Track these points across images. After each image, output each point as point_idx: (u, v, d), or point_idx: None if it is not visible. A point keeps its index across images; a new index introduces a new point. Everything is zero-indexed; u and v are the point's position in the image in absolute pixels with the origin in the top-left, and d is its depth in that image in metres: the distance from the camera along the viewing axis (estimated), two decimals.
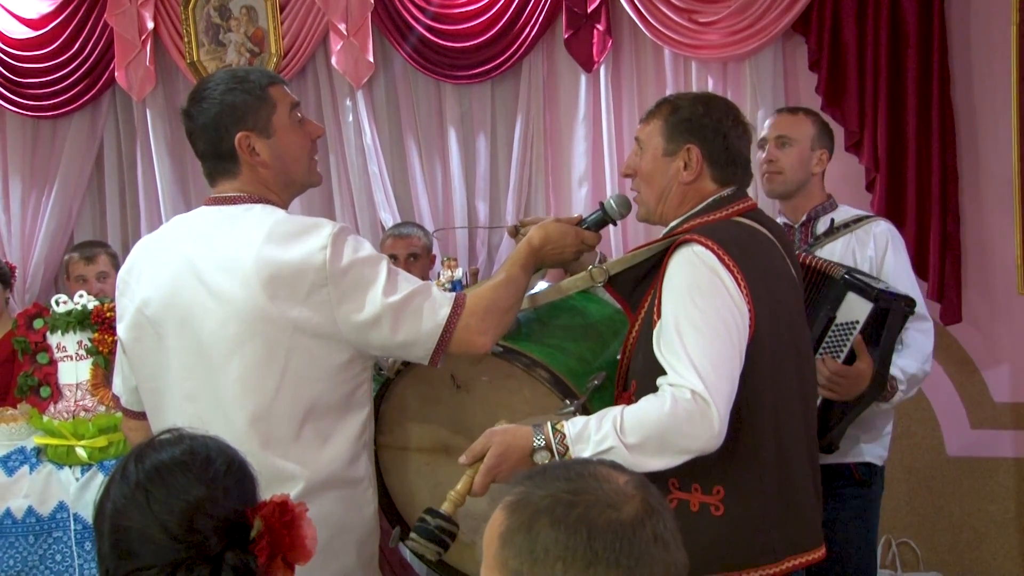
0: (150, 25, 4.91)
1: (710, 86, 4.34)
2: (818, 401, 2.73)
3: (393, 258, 4.01)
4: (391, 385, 2.57)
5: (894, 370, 2.98)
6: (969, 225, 4.08)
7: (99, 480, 3.37)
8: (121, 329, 2.41)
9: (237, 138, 2.31)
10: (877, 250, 3.18)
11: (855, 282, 2.83)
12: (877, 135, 4.03)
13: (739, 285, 2.17)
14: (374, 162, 4.81)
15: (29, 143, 5.26)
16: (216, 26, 4.89)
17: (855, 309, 2.86)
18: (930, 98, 3.98)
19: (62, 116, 5.18)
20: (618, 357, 2.40)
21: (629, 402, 2.25)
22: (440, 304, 2.33)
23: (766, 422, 2.20)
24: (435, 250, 4.39)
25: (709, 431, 2.06)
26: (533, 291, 2.56)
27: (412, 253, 4.17)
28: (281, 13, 4.78)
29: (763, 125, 4.23)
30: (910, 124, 4.00)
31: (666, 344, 2.15)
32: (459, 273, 3.25)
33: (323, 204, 4.97)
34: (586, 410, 2.31)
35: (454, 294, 2.42)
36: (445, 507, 2.05)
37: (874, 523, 3.13)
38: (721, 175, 2.33)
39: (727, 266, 2.16)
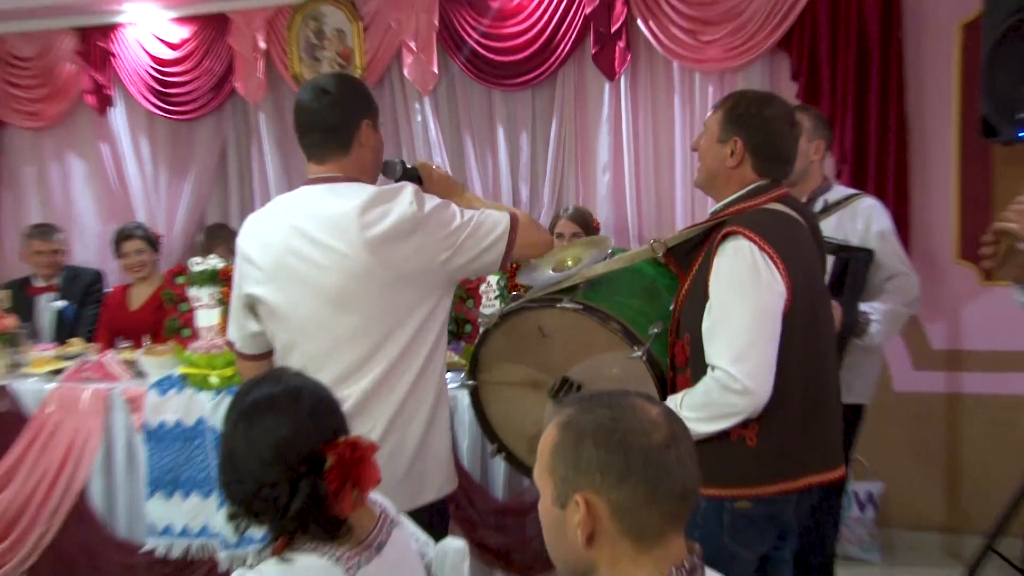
0: (262, 46, 5.11)
1: (710, 93, 4.41)
2: None
3: None
4: (488, 334, 2.60)
5: (865, 308, 3.06)
6: (916, 207, 4.22)
7: (228, 401, 3.24)
8: (251, 287, 2.39)
9: (363, 122, 2.35)
10: (864, 222, 3.24)
11: (838, 250, 2.90)
12: (844, 135, 4.13)
13: (777, 268, 2.18)
14: (437, 153, 4.95)
15: (171, 140, 5.47)
16: (313, 45, 5.04)
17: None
18: (888, 104, 4.11)
19: (196, 119, 5.38)
20: (671, 308, 2.43)
21: (683, 351, 2.31)
22: (498, 221, 2.42)
23: (796, 373, 2.22)
24: None
25: (742, 400, 2.14)
26: (605, 260, 2.60)
27: None
28: (364, 34, 4.94)
29: None
30: (872, 126, 4.13)
31: (709, 329, 2.21)
32: None
33: None
34: (650, 353, 2.36)
35: (506, 213, 2.46)
36: None
37: (853, 447, 3.23)
38: (761, 166, 2.33)
39: (767, 253, 2.18)
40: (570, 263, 2.59)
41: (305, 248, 2.30)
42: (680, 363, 2.32)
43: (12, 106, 5.61)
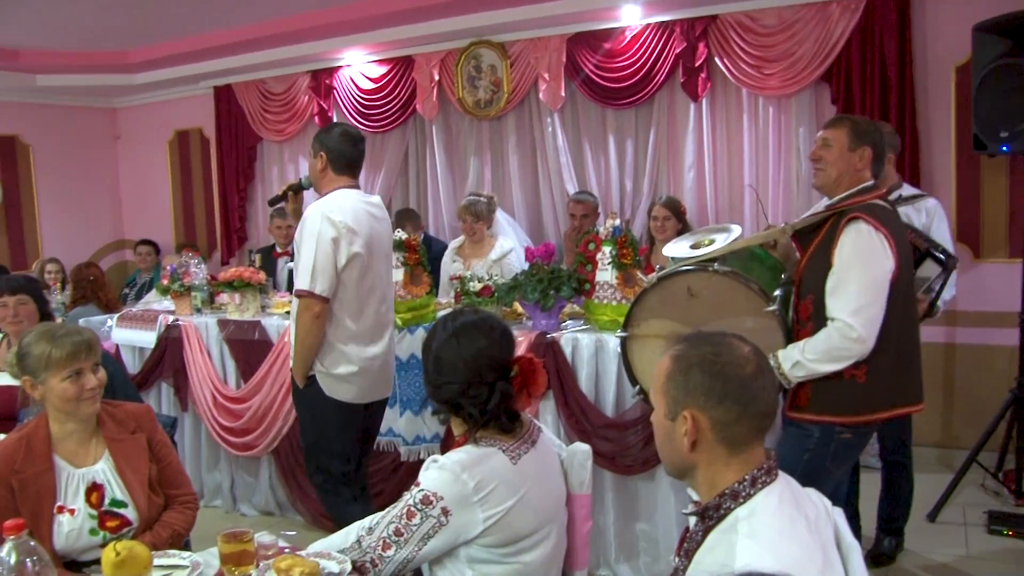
0: (436, 78, 5.65)
1: (771, 112, 4.75)
2: None
3: (572, 216, 4.64)
4: (645, 293, 2.67)
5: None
6: None
7: (410, 335, 3.49)
8: (358, 248, 2.76)
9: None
10: (929, 219, 3.35)
11: (932, 254, 2.96)
12: None
13: (890, 246, 2.28)
14: (564, 155, 5.36)
15: (369, 147, 5.34)
16: (473, 76, 5.53)
17: (927, 268, 2.97)
18: (903, 123, 4.41)
19: (387, 131, 5.95)
20: (782, 279, 2.57)
21: (806, 309, 2.39)
22: None
23: (893, 328, 2.31)
24: (599, 209, 4.80)
25: (856, 345, 2.24)
26: (741, 236, 2.67)
27: (585, 213, 4.64)
28: (510, 68, 5.39)
29: (802, 139, 4.38)
30: None
31: (832, 288, 2.29)
32: (618, 221, 3.35)
33: (532, 182, 5.53)
34: (778, 309, 2.46)
35: None
36: None
37: None
38: (875, 168, 2.46)
39: (883, 234, 2.28)
40: (706, 242, 2.73)
41: (376, 223, 2.87)
42: (803, 318, 2.43)
43: (266, 126, 6.51)
